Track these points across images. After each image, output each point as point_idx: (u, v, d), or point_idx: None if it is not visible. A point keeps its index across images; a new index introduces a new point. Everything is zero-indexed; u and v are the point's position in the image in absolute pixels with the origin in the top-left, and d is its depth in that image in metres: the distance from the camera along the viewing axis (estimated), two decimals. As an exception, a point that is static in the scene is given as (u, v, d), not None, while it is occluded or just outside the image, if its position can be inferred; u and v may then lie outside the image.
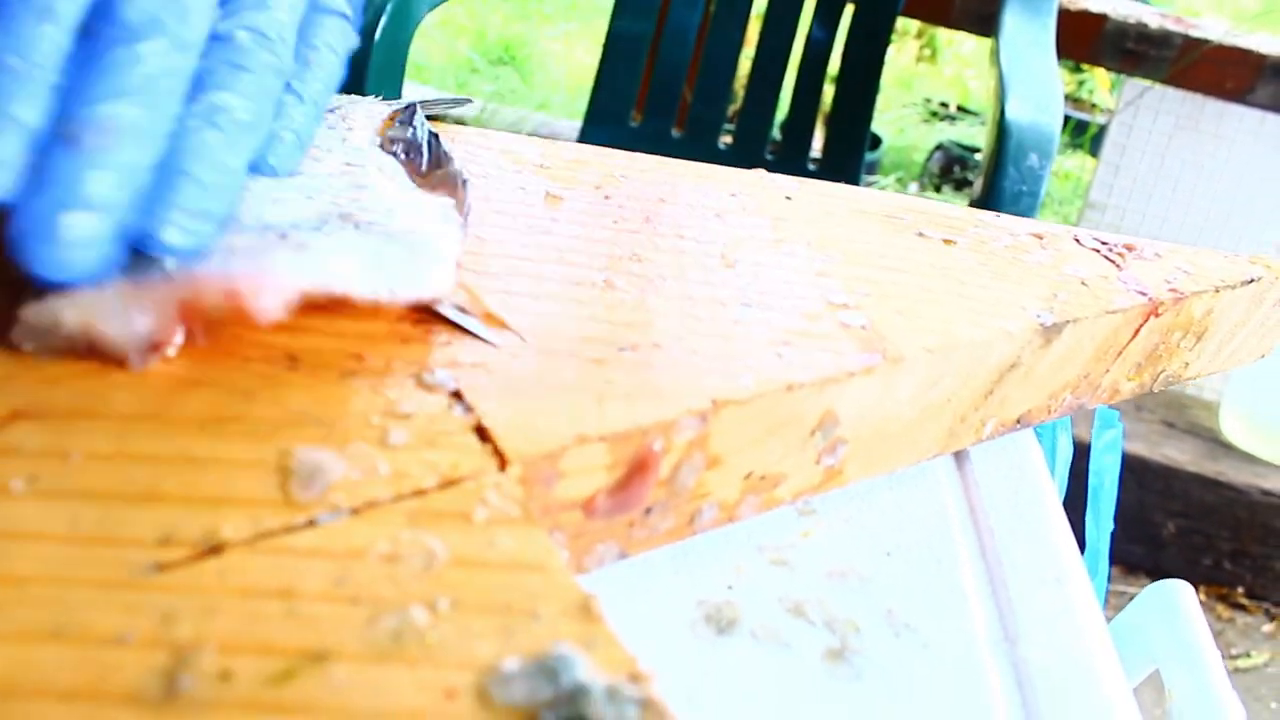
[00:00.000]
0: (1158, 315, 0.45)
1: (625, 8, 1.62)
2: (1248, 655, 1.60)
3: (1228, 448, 1.75)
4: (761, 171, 0.48)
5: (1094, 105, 2.81)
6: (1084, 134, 2.67)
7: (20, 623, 0.23)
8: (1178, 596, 0.47)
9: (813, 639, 0.33)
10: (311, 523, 0.26)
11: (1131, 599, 0.47)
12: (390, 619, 0.23)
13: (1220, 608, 1.70)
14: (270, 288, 0.30)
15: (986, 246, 0.46)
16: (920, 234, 0.45)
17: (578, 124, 1.67)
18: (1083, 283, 0.44)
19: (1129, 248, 0.49)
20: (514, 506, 0.27)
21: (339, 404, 0.29)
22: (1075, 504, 0.54)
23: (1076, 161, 2.62)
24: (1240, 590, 1.73)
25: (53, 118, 0.30)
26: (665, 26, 1.64)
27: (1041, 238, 0.48)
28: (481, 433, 0.29)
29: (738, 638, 0.33)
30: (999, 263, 0.44)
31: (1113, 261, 0.47)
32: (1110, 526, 0.48)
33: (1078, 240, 0.48)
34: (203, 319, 0.31)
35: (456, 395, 0.30)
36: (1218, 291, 0.48)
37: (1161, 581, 0.47)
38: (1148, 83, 1.97)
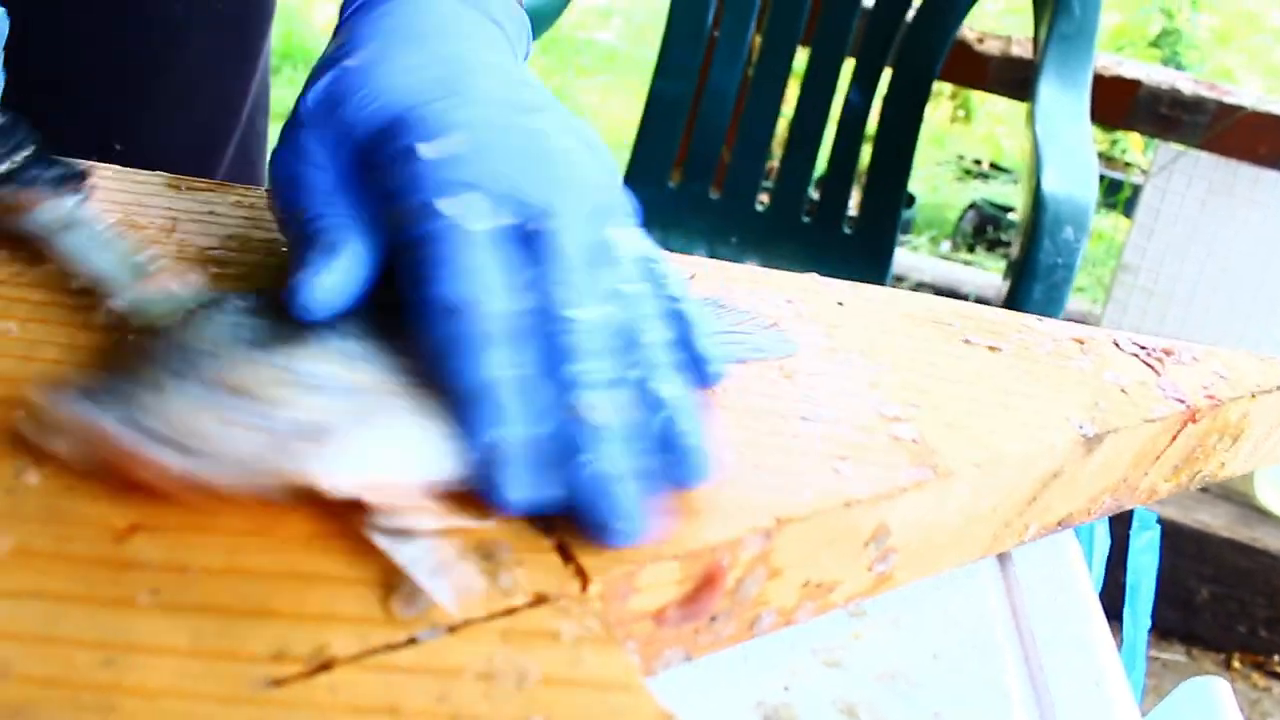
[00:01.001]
0: (1195, 421, 0.47)
1: (666, 69, 1.66)
2: (1283, 725, 1.59)
3: (1262, 513, 1.75)
4: (814, 276, 0.50)
5: (1128, 164, 2.83)
6: (1118, 193, 2.68)
7: (154, 734, 0.25)
8: (1215, 694, 0.48)
9: (866, 742, 0.35)
10: (413, 640, 0.28)
11: (1164, 664, 0.48)
12: (488, 737, 0.26)
13: (1256, 676, 1.69)
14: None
15: (1030, 353, 0.48)
16: (966, 340, 0.47)
17: (617, 183, 1.71)
18: (1122, 390, 0.46)
19: (1167, 352, 0.51)
20: (597, 623, 0.29)
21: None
22: (1112, 590, 0.55)
23: (1110, 221, 2.64)
24: (1277, 658, 1.72)
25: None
26: (705, 88, 1.68)
27: (1083, 343, 0.50)
28: (564, 551, 0.31)
29: (795, 740, 0.35)
30: (1042, 370, 0.47)
31: (1151, 367, 0.49)
32: (1148, 624, 0.50)
33: (1117, 344, 0.50)
34: None
35: (539, 515, 0.32)
36: (1254, 397, 0.49)
37: (1199, 678, 0.48)
38: (1181, 147, 1.99)
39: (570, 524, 0.32)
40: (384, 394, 0.34)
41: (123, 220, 0.45)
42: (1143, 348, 0.50)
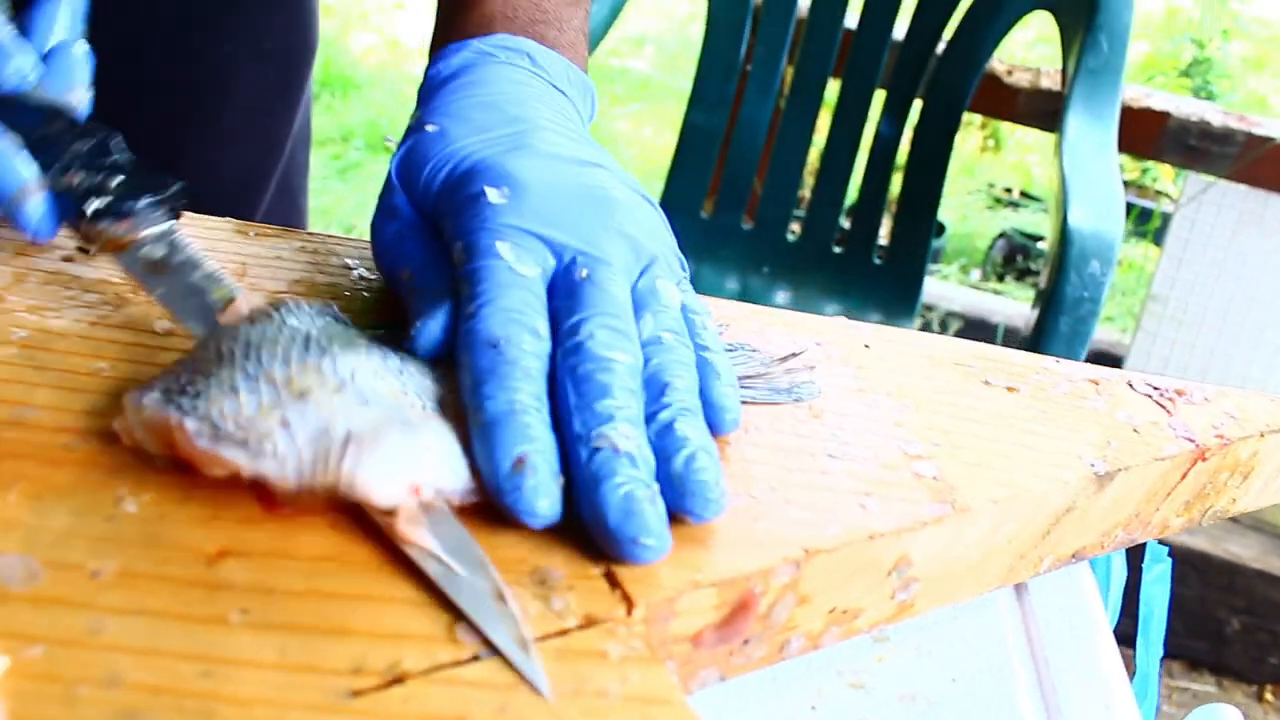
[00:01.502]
0: (1204, 460, 0.50)
1: (700, 101, 1.69)
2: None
3: (1292, 544, 1.75)
4: (842, 319, 0.53)
5: (1158, 193, 2.84)
6: (1148, 222, 2.69)
7: (249, 739, 0.28)
8: None
9: (887, 759, 0.38)
10: (476, 658, 0.31)
11: (1194, 695, 0.50)
12: (545, 746, 0.29)
13: (1285, 707, 1.69)
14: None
15: (1046, 394, 0.50)
16: (986, 382, 0.50)
17: (651, 212, 1.74)
18: (1135, 429, 0.49)
19: (1179, 393, 0.53)
20: (641, 644, 0.32)
21: (492, 551, 0.34)
22: (1130, 620, 0.57)
23: (1140, 250, 2.65)
24: (1305, 689, 1.72)
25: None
26: (738, 120, 1.71)
27: (1098, 383, 0.52)
28: (611, 578, 0.34)
29: (821, 756, 0.38)
30: (1058, 410, 0.49)
31: (1163, 407, 0.51)
32: (1160, 653, 0.52)
33: (1131, 385, 0.53)
34: None
35: (588, 543, 0.35)
36: (1263, 436, 0.52)
37: (1209, 705, 0.50)
38: (1211, 178, 2.00)
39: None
40: (429, 414, 0.38)
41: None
42: (1155, 388, 0.53)
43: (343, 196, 2.82)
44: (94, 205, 0.44)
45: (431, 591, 0.33)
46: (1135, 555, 0.55)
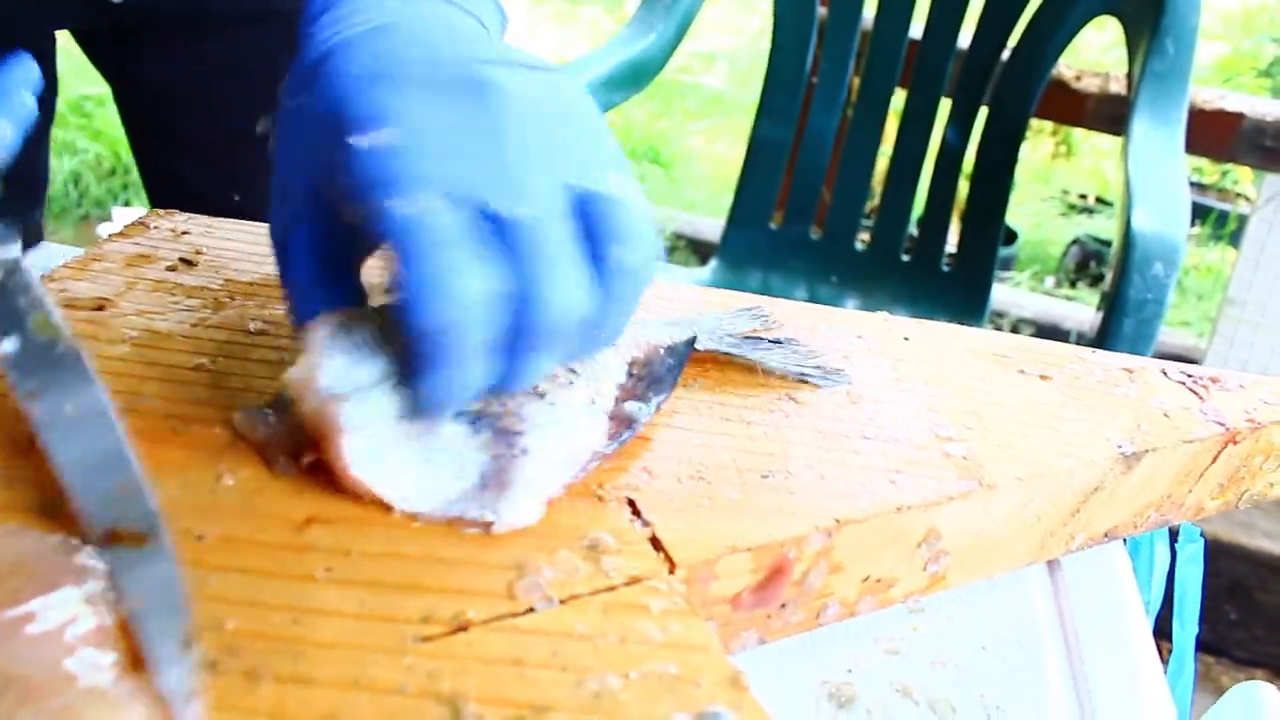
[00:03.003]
0: (1235, 443, 0.52)
1: (767, 114, 1.72)
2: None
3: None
4: (885, 315, 0.56)
5: (1238, 195, 2.80)
6: (1225, 226, 2.66)
7: (333, 675, 0.32)
8: (1263, 699, 0.52)
9: (918, 717, 0.41)
10: (531, 609, 0.35)
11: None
12: (593, 683, 0.32)
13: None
14: None
15: (1080, 382, 0.53)
16: (1021, 371, 0.53)
17: (720, 221, 1.78)
18: (1165, 414, 0.51)
19: (1213, 380, 0.55)
20: (681, 600, 0.36)
21: (550, 520, 0.38)
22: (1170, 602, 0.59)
23: (1218, 254, 2.61)
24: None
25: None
26: (805, 131, 1.74)
27: (1131, 372, 0.55)
28: (655, 543, 0.38)
29: (855, 713, 0.41)
30: (1090, 397, 0.52)
31: (1196, 394, 0.54)
32: (1195, 631, 0.54)
33: (1165, 374, 0.55)
34: None
35: (636, 512, 0.39)
36: (1296, 421, 0.53)
37: (1247, 684, 0.52)
38: (1289, 179, 1.98)
39: (663, 519, 0.39)
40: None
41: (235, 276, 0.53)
42: (1190, 376, 0.55)
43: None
44: None
45: (494, 553, 0.37)
46: (1172, 538, 0.57)
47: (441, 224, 0.36)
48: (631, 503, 0.40)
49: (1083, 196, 2.94)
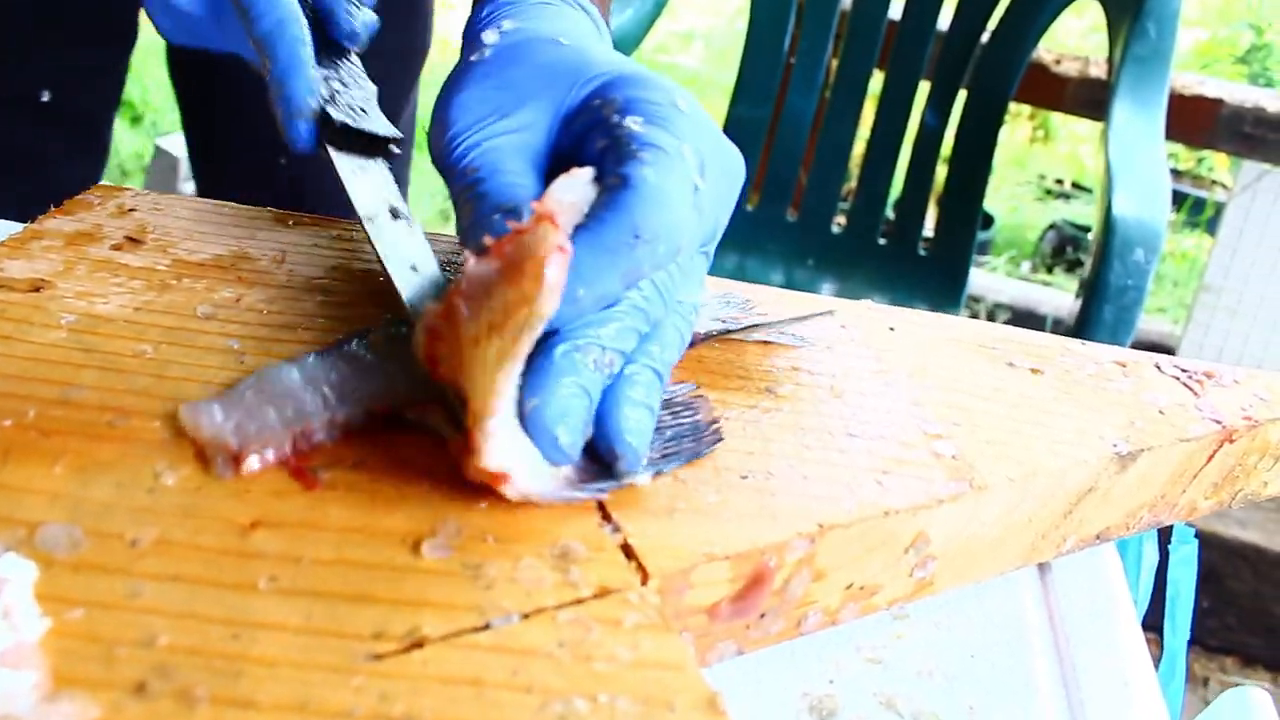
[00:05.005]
0: (1231, 442, 0.50)
1: (744, 94, 1.70)
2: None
3: (1347, 539, 1.72)
4: (869, 303, 0.54)
5: (1214, 182, 2.79)
6: (1201, 213, 2.65)
7: (275, 697, 0.30)
8: (1255, 704, 0.50)
9: (903, 731, 0.38)
10: (489, 625, 0.32)
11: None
12: (557, 705, 0.30)
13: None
14: None
15: (1071, 376, 0.51)
16: (1010, 364, 0.51)
17: (695, 206, 1.74)
18: (1160, 411, 0.49)
19: (1208, 375, 0.53)
20: (655, 613, 0.33)
21: (514, 525, 0.36)
22: (1159, 602, 0.57)
23: (1194, 241, 2.61)
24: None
25: None
26: (782, 112, 1.72)
27: (1124, 365, 0.52)
28: (627, 550, 0.35)
29: (837, 727, 0.38)
30: (1082, 392, 0.49)
31: (1191, 389, 0.51)
32: (1187, 635, 0.52)
33: (1159, 368, 0.53)
34: None
35: (606, 517, 0.36)
36: (1292, 418, 0.51)
37: (1239, 688, 0.50)
38: (1266, 166, 1.97)
39: (636, 525, 0.36)
40: None
41: (236, 251, 0.51)
42: (1184, 370, 0.53)
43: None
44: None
45: (452, 561, 0.34)
46: (1164, 539, 0.55)
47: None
48: (602, 506, 0.37)
49: (1059, 181, 2.92)
